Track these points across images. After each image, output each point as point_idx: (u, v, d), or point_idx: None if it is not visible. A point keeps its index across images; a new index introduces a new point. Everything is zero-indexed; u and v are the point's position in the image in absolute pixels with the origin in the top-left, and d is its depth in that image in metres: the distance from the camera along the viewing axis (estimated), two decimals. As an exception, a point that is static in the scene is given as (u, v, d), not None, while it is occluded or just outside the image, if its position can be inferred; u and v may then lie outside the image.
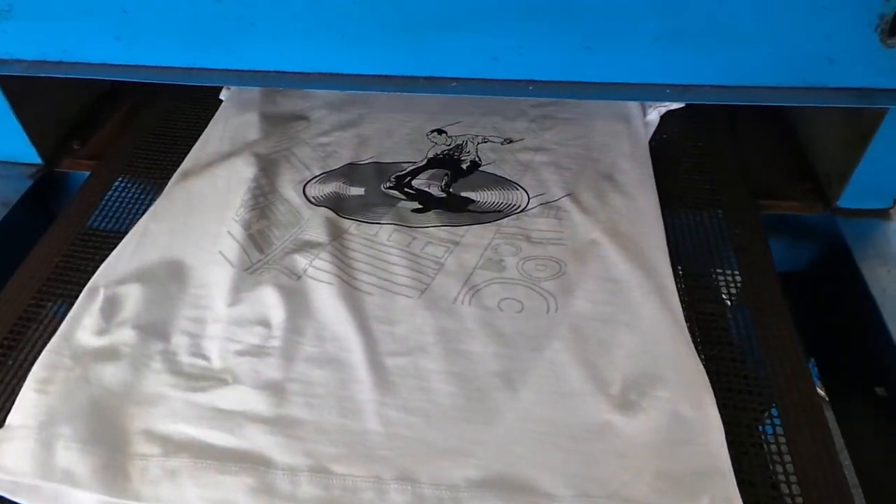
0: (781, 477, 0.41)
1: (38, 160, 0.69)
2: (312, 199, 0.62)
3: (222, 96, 0.76)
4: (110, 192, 0.65)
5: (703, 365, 0.46)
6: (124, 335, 0.49)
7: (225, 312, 0.51)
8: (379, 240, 0.57)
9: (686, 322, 0.48)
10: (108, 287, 0.52)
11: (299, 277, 0.53)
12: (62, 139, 0.73)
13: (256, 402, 0.44)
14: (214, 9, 0.52)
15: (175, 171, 0.64)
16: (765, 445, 0.43)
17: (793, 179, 0.66)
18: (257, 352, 0.48)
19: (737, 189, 0.63)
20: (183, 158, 0.66)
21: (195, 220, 0.58)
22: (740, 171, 0.65)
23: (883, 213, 0.62)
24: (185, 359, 0.48)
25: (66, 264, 0.57)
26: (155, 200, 0.61)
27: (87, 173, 0.69)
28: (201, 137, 0.68)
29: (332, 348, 0.48)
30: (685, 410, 0.42)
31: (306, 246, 0.56)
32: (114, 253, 0.55)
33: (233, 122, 0.69)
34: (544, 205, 0.59)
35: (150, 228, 0.57)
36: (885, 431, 0.52)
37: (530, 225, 0.57)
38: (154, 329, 0.50)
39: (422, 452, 0.41)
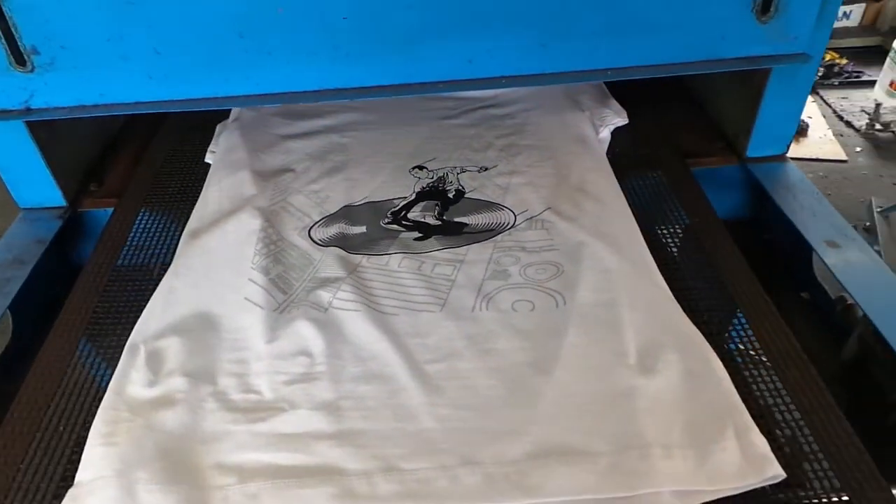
0: (752, 353, 0.53)
1: (63, 202, 0.76)
2: (319, 242, 0.67)
3: (208, 159, 0.80)
4: (135, 228, 0.71)
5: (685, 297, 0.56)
6: (174, 384, 0.51)
7: (265, 349, 0.54)
8: (390, 268, 0.63)
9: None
10: (147, 343, 0.55)
11: (326, 310, 0.58)
12: (82, 180, 0.80)
13: (317, 421, 0.48)
14: (238, 43, 0.60)
15: (188, 199, 0.71)
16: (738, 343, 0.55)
17: (709, 141, 0.83)
18: (305, 379, 0.52)
19: (670, 154, 0.80)
20: (194, 185, 0.73)
21: (215, 274, 0.62)
22: (669, 140, 0.81)
23: (781, 157, 0.80)
24: (237, 396, 0.51)
25: (105, 308, 0.62)
26: (175, 230, 0.66)
27: (110, 210, 0.75)
28: (200, 199, 0.72)
29: (373, 366, 0.53)
30: (694, 367, 0.50)
31: (326, 282, 0.61)
32: (144, 312, 0.58)
33: (227, 182, 0.74)
34: (529, 220, 0.67)
35: (175, 286, 0.60)
36: (810, 321, 0.69)
37: (522, 238, 0.65)
38: (200, 374, 0.52)
39: (479, 439, 0.46)
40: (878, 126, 2.03)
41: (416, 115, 0.87)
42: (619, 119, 0.81)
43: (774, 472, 0.43)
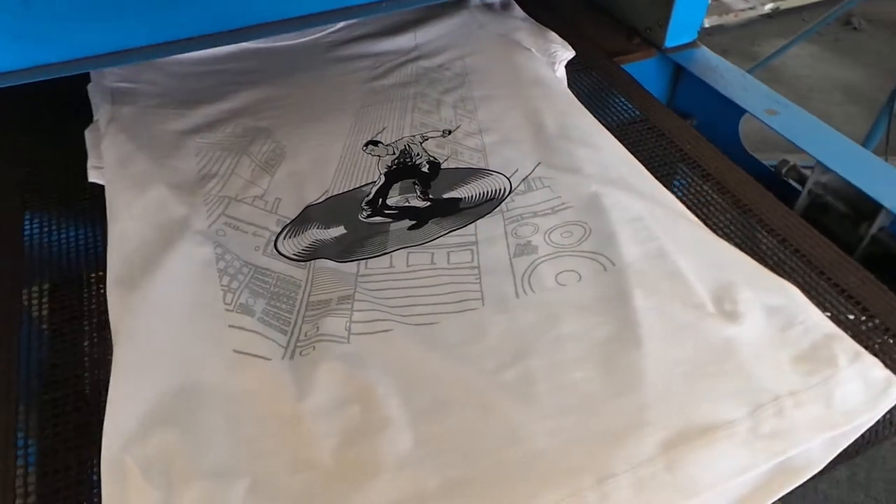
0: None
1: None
2: (295, 257, 0.54)
3: (95, 178, 0.61)
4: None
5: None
6: (195, 496, 0.38)
7: (298, 410, 0.42)
8: (398, 269, 0.52)
9: None
10: (132, 451, 0.40)
11: (348, 339, 0.47)
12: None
13: (410, 483, 0.38)
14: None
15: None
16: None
17: (626, 39, 0.87)
18: (367, 433, 0.41)
19: (598, 55, 0.82)
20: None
21: (182, 330, 0.47)
22: (591, 43, 0.84)
23: (694, 44, 0.86)
24: (288, 480, 0.39)
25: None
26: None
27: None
28: (111, 234, 0.54)
29: (439, 392, 0.43)
30: (772, 300, 0.47)
31: (328, 305, 0.49)
32: (108, 412, 0.42)
33: (140, 206, 0.56)
34: (524, 180, 0.60)
35: (134, 360, 0.45)
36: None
37: (528, 201, 0.57)
38: (224, 470, 0.39)
39: (602, 445, 0.40)
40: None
41: (332, 82, 0.74)
42: (568, 52, 0.75)
43: None
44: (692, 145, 0.68)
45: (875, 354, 0.45)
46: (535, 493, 0.38)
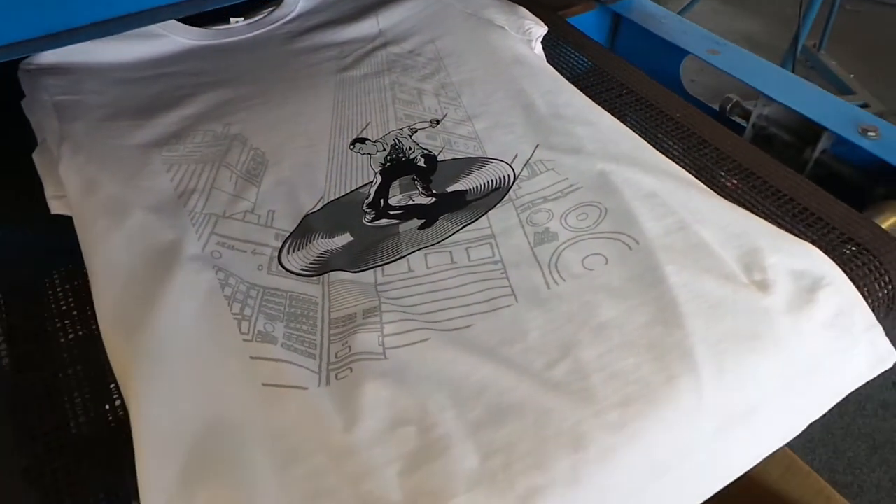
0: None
1: None
2: (304, 272, 0.50)
3: (58, 209, 0.55)
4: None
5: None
6: None
7: (350, 442, 0.39)
8: (418, 273, 0.50)
9: None
10: None
11: (384, 355, 0.44)
12: None
13: (489, 500, 0.37)
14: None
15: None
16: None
17: None
18: (429, 455, 0.39)
19: (542, 10, 0.79)
20: None
21: (200, 371, 0.42)
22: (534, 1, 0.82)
23: None
24: None
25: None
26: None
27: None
28: (92, 275, 0.48)
29: (494, 400, 0.41)
30: (797, 263, 0.48)
31: (353, 320, 0.46)
32: (142, 479, 0.37)
33: (119, 238, 0.50)
34: (527, 164, 0.58)
35: (153, 414, 0.40)
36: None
37: (535, 187, 0.56)
38: None
39: (666, 433, 0.40)
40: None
41: (299, 76, 0.69)
42: (541, 28, 0.73)
43: None
44: (646, 88, 0.70)
45: (841, 264, 0.49)
46: (634, 491, 0.37)
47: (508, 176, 0.57)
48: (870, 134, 0.66)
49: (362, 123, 0.63)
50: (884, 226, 0.57)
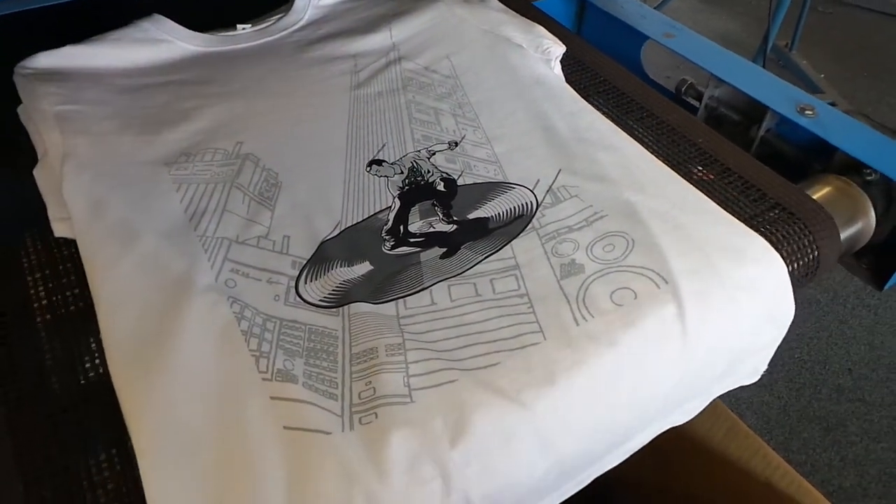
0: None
1: None
2: (324, 303, 0.48)
3: (62, 232, 0.52)
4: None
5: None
6: None
7: (387, 495, 0.37)
8: (442, 306, 0.48)
9: None
10: None
11: (410, 397, 0.42)
12: None
13: None
14: None
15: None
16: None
17: None
18: None
19: None
20: None
21: (218, 413, 0.40)
22: None
23: None
24: None
25: None
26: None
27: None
28: (98, 304, 0.46)
29: (532, 444, 0.40)
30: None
31: (375, 356, 0.44)
32: None
33: (128, 264, 0.48)
34: (549, 191, 0.57)
35: (168, 461, 0.38)
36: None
37: (559, 215, 0.54)
38: None
39: None
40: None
41: (312, 90, 0.67)
42: (559, 48, 0.71)
43: None
44: (611, 71, 0.73)
45: (771, 224, 0.54)
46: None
47: (531, 203, 0.56)
48: (807, 112, 0.69)
49: (378, 144, 0.61)
50: (815, 196, 0.61)
